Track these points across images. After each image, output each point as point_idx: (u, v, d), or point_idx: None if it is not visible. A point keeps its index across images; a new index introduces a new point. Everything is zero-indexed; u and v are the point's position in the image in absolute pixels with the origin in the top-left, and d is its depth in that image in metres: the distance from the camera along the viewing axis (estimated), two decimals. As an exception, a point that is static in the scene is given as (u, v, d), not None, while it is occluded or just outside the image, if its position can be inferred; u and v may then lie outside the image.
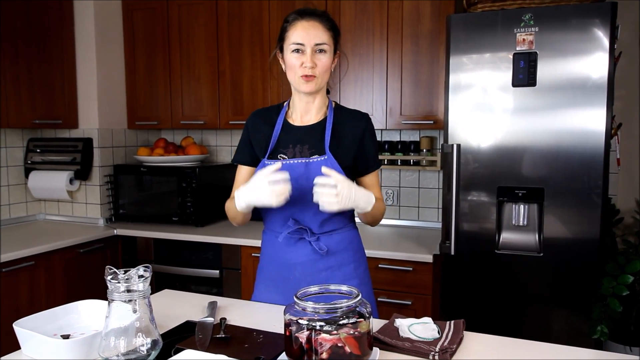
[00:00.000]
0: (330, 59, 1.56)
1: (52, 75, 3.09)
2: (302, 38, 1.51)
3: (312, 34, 1.51)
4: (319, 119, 1.63)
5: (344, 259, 1.64)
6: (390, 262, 2.48)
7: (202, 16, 3.18)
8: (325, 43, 1.52)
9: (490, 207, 2.22)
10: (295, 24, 1.53)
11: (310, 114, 1.63)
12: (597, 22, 2.00)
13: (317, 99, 1.62)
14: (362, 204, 1.50)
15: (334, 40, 1.57)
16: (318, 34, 1.51)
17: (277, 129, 1.63)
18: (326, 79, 1.58)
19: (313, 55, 1.52)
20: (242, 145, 1.70)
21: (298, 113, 1.64)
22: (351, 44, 2.85)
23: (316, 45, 1.51)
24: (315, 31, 1.51)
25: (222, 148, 3.61)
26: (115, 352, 1.15)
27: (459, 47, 2.20)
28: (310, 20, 1.52)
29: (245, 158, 1.69)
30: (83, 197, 3.31)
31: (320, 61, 1.53)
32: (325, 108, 1.65)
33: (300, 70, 1.52)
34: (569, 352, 1.27)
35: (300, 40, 1.51)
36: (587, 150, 2.06)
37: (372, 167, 1.66)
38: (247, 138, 1.68)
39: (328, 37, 1.54)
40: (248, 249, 2.77)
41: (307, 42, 1.51)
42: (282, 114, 1.65)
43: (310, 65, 1.51)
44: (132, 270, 1.17)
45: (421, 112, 2.75)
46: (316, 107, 1.63)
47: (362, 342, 1.11)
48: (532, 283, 2.18)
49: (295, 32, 1.52)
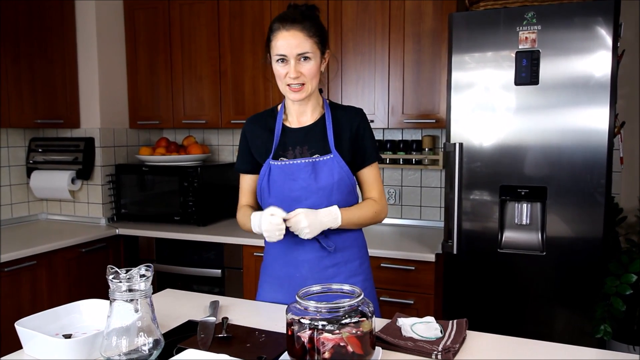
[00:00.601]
0: (317, 64, 1.55)
1: (53, 75, 3.09)
2: (284, 49, 1.51)
3: (294, 44, 1.50)
4: (315, 119, 1.64)
5: (350, 255, 1.65)
6: (392, 262, 2.48)
7: (204, 16, 3.18)
8: (308, 51, 1.51)
9: (493, 206, 2.21)
10: (277, 34, 1.52)
11: (305, 115, 1.65)
12: (600, 20, 2.00)
13: (310, 99, 1.62)
14: (328, 224, 1.54)
15: (319, 44, 1.55)
16: (300, 43, 1.50)
17: (277, 130, 1.64)
18: (315, 83, 1.57)
19: (297, 65, 1.52)
20: (242, 154, 1.72)
21: (294, 115, 1.65)
22: (353, 43, 2.84)
23: (299, 55, 1.51)
24: (296, 41, 1.50)
25: (224, 147, 3.60)
26: (117, 351, 1.15)
27: (461, 46, 2.19)
28: (291, 30, 1.50)
29: (247, 166, 1.71)
30: (85, 196, 3.32)
31: (304, 68, 1.52)
32: (320, 107, 1.66)
33: (286, 79, 1.54)
34: (572, 352, 1.26)
35: (282, 52, 1.51)
36: (590, 149, 2.05)
37: (370, 159, 1.65)
38: (246, 145, 1.70)
39: (311, 44, 1.52)
40: (250, 249, 2.77)
41: (289, 52, 1.50)
42: (279, 118, 1.66)
43: (294, 75, 1.51)
44: (134, 270, 1.17)
45: (423, 111, 2.74)
46: (311, 108, 1.64)
47: (365, 341, 1.11)
48: (535, 282, 2.17)
49: (277, 43, 1.52)
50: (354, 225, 1.62)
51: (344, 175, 1.58)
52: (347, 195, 1.60)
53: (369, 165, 1.65)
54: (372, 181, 1.67)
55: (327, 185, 1.56)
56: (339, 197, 1.58)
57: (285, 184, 1.58)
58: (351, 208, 1.60)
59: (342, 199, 1.59)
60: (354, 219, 1.59)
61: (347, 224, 1.58)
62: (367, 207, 1.63)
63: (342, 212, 1.56)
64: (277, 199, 1.57)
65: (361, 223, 1.63)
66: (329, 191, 1.57)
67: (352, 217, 1.59)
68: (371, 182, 1.67)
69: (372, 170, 1.67)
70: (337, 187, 1.57)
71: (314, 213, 1.51)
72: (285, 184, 1.58)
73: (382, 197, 1.67)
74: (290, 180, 1.57)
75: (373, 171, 1.67)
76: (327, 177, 1.56)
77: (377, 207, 1.65)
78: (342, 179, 1.58)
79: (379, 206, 1.65)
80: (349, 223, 1.58)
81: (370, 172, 1.66)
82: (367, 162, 1.65)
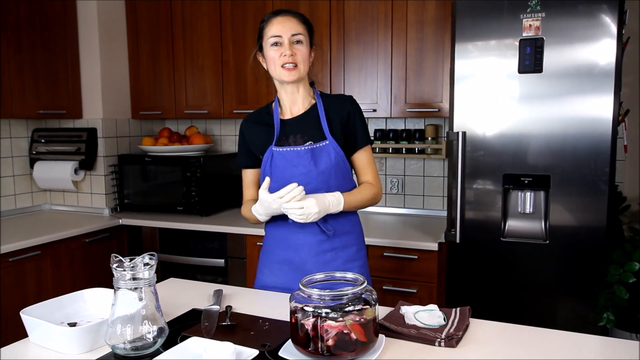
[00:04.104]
0: (308, 49, 1.66)
1: (56, 66, 3.09)
2: (279, 30, 1.61)
3: (288, 26, 1.62)
4: (307, 108, 1.71)
5: (348, 240, 1.71)
6: (395, 251, 2.48)
7: (206, 5, 3.16)
8: (301, 34, 1.63)
9: (496, 195, 2.21)
10: (271, 20, 1.64)
11: (297, 105, 1.71)
12: (604, 7, 1.98)
13: (300, 88, 1.69)
14: (333, 207, 1.59)
15: (309, 33, 1.67)
16: (293, 25, 1.62)
17: (276, 121, 1.70)
18: (306, 68, 1.66)
19: (291, 46, 1.61)
20: (241, 150, 1.80)
21: (286, 106, 1.72)
22: (355, 32, 2.83)
23: (293, 36, 1.61)
24: (290, 24, 1.62)
25: (227, 137, 3.60)
26: (121, 339, 1.15)
27: (465, 34, 2.18)
28: (285, 16, 1.64)
29: (247, 161, 1.79)
30: (88, 187, 3.32)
31: (298, 51, 1.62)
32: (311, 97, 1.73)
33: (280, 60, 1.61)
34: (575, 339, 1.26)
35: (278, 33, 1.61)
36: (594, 137, 2.04)
37: (362, 143, 1.71)
38: (244, 142, 1.78)
39: (303, 29, 1.64)
40: (253, 238, 2.77)
41: (284, 33, 1.61)
42: (276, 111, 1.72)
43: (289, 53, 1.60)
44: (138, 258, 1.18)
45: (426, 100, 2.73)
46: (302, 97, 1.71)
47: (368, 329, 1.11)
48: (538, 271, 2.17)
49: (272, 27, 1.63)
50: (354, 208, 1.68)
51: (340, 160, 1.65)
52: (342, 180, 1.67)
53: (361, 149, 1.71)
54: (365, 164, 1.73)
55: (326, 169, 1.63)
56: (337, 181, 1.65)
57: (286, 170, 1.64)
58: (352, 192, 1.66)
59: (340, 183, 1.65)
60: (354, 202, 1.66)
61: (348, 208, 1.64)
62: (365, 191, 1.69)
63: (344, 196, 1.62)
64: (279, 184, 1.60)
65: (360, 206, 1.70)
66: (327, 176, 1.63)
67: (353, 200, 1.65)
68: (365, 165, 1.73)
69: (365, 153, 1.72)
70: (334, 171, 1.64)
71: (323, 197, 1.56)
72: (286, 169, 1.64)
73: (377, 180, 1.74)
74: (292, 166, 1.63)
75: (366, 154, 1.72)
76: (326, 162, 1.63)
77: (374, 189, 1.72)
78: (339, 163, 1.65)
79: (376, 189, 1.72)
80: (349, 207, 1.64)
81: (363, 156, 1.72)
82: (359, 145, 1.71)
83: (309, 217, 1.53)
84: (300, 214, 1.52)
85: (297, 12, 1.69)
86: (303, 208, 1.51)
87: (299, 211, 1.51)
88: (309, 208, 1.52)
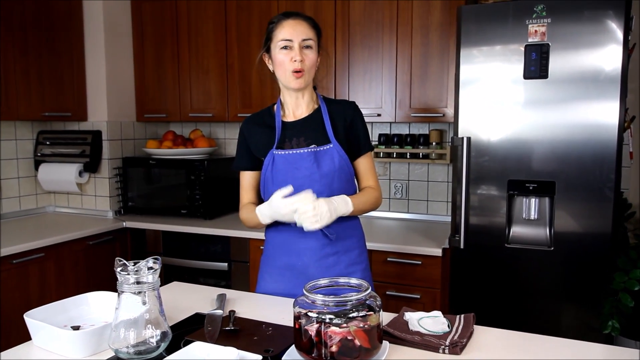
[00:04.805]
0: (316, 55, 1.65)
1: (61, 68, 3.10)
2: (290, 34, 1.59)
3: (299, 30, 1.60)
4: (310, 112, 1.70)
5: (350, 244, 1.70)
6: (399, 256, 2.47)
7: (211, 9, 3.17)
8: (311, 39, 1.62)
9: (501, 201, 2.20)
10: (282, 22, 1.62)
11: (300, 109, 1.71)
12: (610, 13, 1.97)
13: (305, 93, 1.69)
14: (342, 210, 1.57)
15: (318, 38, 1.66)
16: (304, 30, 1.61)
17: (278, 123, 1.69)
18: (312, 74, 1.66)
19: (300, 51, 1.60)
20: (240, 152, 1.76)
21: (290, 109, 1.71)
22: (360, 37, 2.83)
23: (303, 41, 1.60)
24: (301, 27, 1.61)
25: (231, 141, 3.60)
26: (125, 343, 1.15)
27: (470, 39, 2.18)
28: (297, 19, 1.62)
29: (246, 163, 1.75)
30: (92, 189, 3.33)
31: (307, 57, 1.61)
32: (314, 102, 1.73)
33: (290, 65, 1.60)
34: (580, 347, 1.25)
35: (289, 37, 1.59)
36: (599, 144, 2.03)
37: (364, 149, 1.72)
38: (245, 144, 1.75)
39: (313, 34, 1.63)
40: (256, 242, 2.77)
41: (295, 37, 1.59)
42: (278, 113, 1.71)
43: (299, 59, 1.59)
44: (142, 262, 1.18)
45: (431, 105, 2.73)
46: (306, 101, 1.70)
47: (372, 335, 1.11)
48: (543, 277, 2.16)
49: (282, 30, 1.61)
50: (359, 212, 1.68)
51: (344, 164, 1.65)
52: (346, 184, 1.67)
53: (363, 155, 1.72)
54: (368, 170, 1.74)
55: (329, 172, 1.62)
56: (339, 185, 1.64)
57: (288, 173, 1.63)
58: (357, 196, 1.67)
59: (342, 187, 1.65)
60: (361, 205, 1.65)
61: (355, 211, 1.63)
62: (369, 195, 1.70)
63: (352, 199, 1.61)
64: (281, 187, 1.59)
65: (366, 209, 1.70)
66: (330, 179, 1.62)
67: (360, 203, 1.65)
68: (367, 171, 1.74)
69: (367, 159, 1.74)
70: (337, 175, 1.63)
71: (332, 203, 1.55)
72: (288, 172, 1.63)
73: (378, 185, 1.76)
74: (294, 169, 1.62)
75: (368, 160, 1.74)
76: (329, 165, 1.62)
77: (376, 194, 1.72)
78: (342, 167, 1.64)
79: (378, 193, 1.73)
80: (356, 210, 1.63)
81: (365, 161, 1.73)
82: (362, 151, 1.72)
83: (322, 221, 1.49)
84: (314, 215, 1.47)
85: (307, 15, 1.67)
86: (315, 209, 1.48)
87: (312, 212, 1.47)
88: (321, 212, 1.49)
